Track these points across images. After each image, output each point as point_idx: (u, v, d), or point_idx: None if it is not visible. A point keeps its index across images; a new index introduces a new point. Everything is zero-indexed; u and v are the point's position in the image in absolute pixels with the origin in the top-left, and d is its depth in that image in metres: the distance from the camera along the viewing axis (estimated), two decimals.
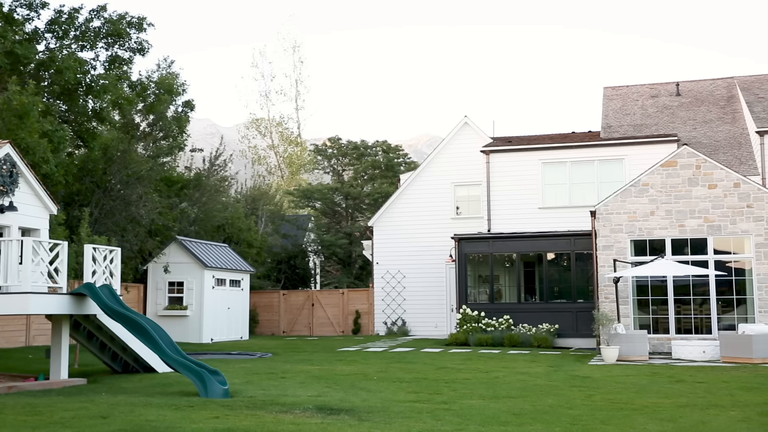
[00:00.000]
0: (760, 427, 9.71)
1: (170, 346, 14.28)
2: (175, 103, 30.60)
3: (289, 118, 64.62)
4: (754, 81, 30.45)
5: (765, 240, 21.50)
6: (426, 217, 30.88)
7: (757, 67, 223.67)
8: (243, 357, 21.02)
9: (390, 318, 31.14)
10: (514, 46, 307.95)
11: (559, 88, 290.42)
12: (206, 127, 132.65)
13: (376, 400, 11.97)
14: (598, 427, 9.73)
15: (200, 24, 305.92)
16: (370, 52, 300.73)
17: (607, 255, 22.62)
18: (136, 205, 26.76)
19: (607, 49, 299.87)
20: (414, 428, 9.53)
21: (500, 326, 24.74)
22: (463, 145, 30.90)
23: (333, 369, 17.17)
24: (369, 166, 45.52)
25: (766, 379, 14.93)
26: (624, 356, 19.57)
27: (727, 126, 29.08)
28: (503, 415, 10.62)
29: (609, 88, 33.48)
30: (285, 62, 73.45)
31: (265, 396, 12.39)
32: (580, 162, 28.28)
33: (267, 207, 39.62)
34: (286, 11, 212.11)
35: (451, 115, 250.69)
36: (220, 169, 34.32)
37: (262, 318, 32.76)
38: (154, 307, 27.58)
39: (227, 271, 28.65)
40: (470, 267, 26.59)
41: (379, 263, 31.58)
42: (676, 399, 12.26)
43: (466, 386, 13.95)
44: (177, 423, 9.70)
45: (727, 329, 20.93)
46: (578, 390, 13.47)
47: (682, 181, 22.36)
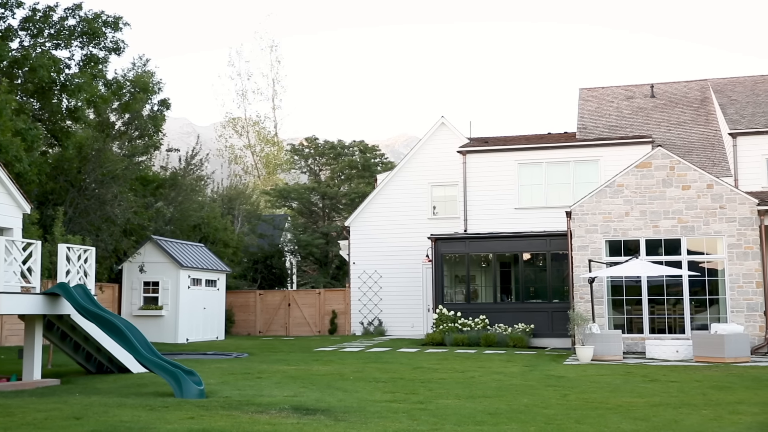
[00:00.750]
0: (732, 426, 9.83)
1: (145, 347, 14.19)
2: (150, 102, 30.42)
3: (266, 117, 64.53)
4: (727, 83, 30.80)
5: (737, 241, 21.75)
6: (403, 217, 30.94)
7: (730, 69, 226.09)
8: (219, 357, 20.94)
9: (366, 318, 31.15)
10: (490, 46, 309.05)
11: (535, 89, 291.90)
12: (182, 126, 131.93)
13: (352, 400, 11.98)
14: (573, 426, 9.81)
15: (177, 23, 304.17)
16: (348, 51, 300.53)
17: (582, 255, 22.78)
18: (111, 205, 26.56)
19: (583, 50, 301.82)
20: (390, 428, 9.54)
21: (476, 326, 24.83)
22: (439, 146, 31.00)
23: (309, 369, 17.15)
24: (346, 165, 45.50)
25: (737, 379, 15.11)
26: (599, 356, 19.72)
27: (701, 128, 29.38)
28: (479, 414, 10.67)
29: (584, 89, 33.70)
30: (262, 61, 73.53)
31: (241, 396, 12.36)
32: (555, 163, 28.45)
33: (243, 207, 39.49)
34: (264, 11, 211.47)
35: (428, 116, 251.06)
36: (197, 169, 34.17)
37: (238, 318, 32.66)
38: (129, 307, 27.40)
39: (203, 271, 28.52)
40: (447, 267, 26.67)
41: (355, 263, 31.59)
42: (649, 398, 12.38)
43: (442, 386, 13.99)
44: (152, 423, 9.65)
45: (700, 329, 21.16)
46: (553, 389, 13.56)
47: (656, 182, 22.57)
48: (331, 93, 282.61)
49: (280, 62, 70.08)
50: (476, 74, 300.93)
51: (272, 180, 59.91)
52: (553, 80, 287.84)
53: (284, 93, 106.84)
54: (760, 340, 21.18)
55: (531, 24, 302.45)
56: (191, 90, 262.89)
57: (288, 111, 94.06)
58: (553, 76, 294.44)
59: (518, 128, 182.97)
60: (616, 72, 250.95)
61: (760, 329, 21.27)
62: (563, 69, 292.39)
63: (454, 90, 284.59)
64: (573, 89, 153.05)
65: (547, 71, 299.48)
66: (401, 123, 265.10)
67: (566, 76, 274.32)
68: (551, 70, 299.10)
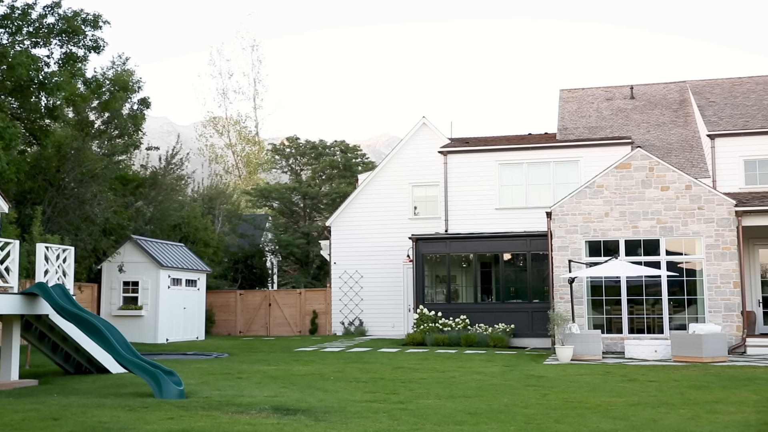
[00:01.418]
0: (709, 425, 9.92)
1: (124, 347, 14.12)
2: (130, 101, 30.23)
3: (247, 116, 64.31)
4: (705, 85, 31.05)
5: (715, 241, 21.95)
6: (384, 217, 30.95)
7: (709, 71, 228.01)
8: (199, 357, 20.86)
9: (347, 318, 31.13)
10: (471, 46, 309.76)
11: (516, 90, 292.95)
12: (163, 125, 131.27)
13: (332, 400, 11.97)
14: (553, 426, 9.86)
15: (157, 22, 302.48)
16: (329, 51, 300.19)
17: (562, 255, 22.90)
18: (91, 204, 26.38)
19: (564, 50, 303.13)
20: (370, 428, 9.55)
21: (457, 326, 24.88)
22: (421, 146, 31.04)
23: (290, 369, 17.13)
24: (327, 165, 45.46)
25: (715, 378, 15.25)
26: (578, 356, 19.83)
27: (680, 129, 29.61)
28: (459, 414, 10.70)
29: (565, 90, 33.86)
30: (243, 61, 73.35)
31: (221, 396, 12.32)
32: (536, 163, 28.57)
33: (224, 206, 39.36)
34: (245, 10, 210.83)
35: (410, 116, 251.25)
36: (177, 168, 34.02)
37: (218, 318, 32.54)
38: (109, 307, 27.24)
39: (183, 271, 28.40)
40: (427, 267, 26.71)
41: (336, 263, 31.56)
42: (628, 398, 12.46)
43: (422, 386, 14.02)
44: (131, 424, 9.60)
45: (679, 329, 21.33)
46: (533, 389, 13.62)
47: (635, 183, 22.72)
48: (312, 93, 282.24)
49: (261, 62, 69.83)
50: (457, 74, 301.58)
51: (253, 180, 59.73)
52: (533, 81, 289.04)
53: (265, 92, 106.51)
54: (738, 340, 21.38)
55: (511, 23, 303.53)
56: (172, 89, 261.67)
57: (269, 110, 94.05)
58: (534, 76, 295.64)
59: (499, 129, 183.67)
60: (596, 73, 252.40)
61: (737, 329, 21.47)
62: (544, 69, 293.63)
63: (435, 90, 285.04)
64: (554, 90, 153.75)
65: (528, 72, 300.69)
66: (382, 123, 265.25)
67: (547, 77, 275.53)
68: (532, 70, 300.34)
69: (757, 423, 10.02)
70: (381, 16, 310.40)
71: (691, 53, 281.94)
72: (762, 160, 25.79)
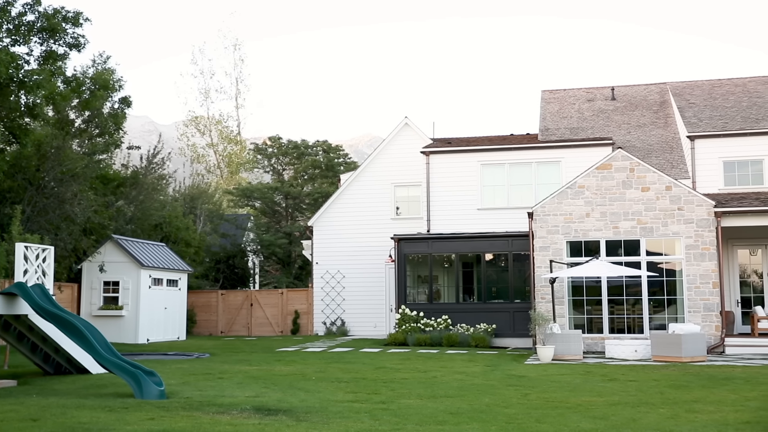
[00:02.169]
0: (688, 424, 9.99)
1: (104, 347, 14.04)
2: (111, 100, 30.01)
3: (228, 116, 64.10)
4: (685, 87, 31.29)
5: (694, 242, 22.12)
6: (366, 217, 30.95)
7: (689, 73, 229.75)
8: (180, 357, 20.77)
9: (329, 318, 31.11)
10: (454, 47, 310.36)
11: (499, 90, 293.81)
12: (144, 125, 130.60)
13: (314, 401, 11.96)
14: (533, 425, 9.90)
15: (139, 20, 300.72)
16: (312, 51, 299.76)
17: (543, 256, 22.99)
18: (71, 203, 26.19)
19: (546, 51, 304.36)
20: (352, 428, 9.55)
21: (439, 326, 24.93)
22: (403, 146, 31.07)
23: (271, 369, 17.09)
24: (309, 165, 45.40)
25: (694, 378, 15.37)
26: (559, 355, 19.92)
27: (660, 130, 29.82)
28: (441, 414, 10.72)
29: (547, 91, 34.00)
30: (225, 60, 73.10)
31: (202, 397, 12.28)
32: (518, 164, 28.68)
33: (206, 206, 39.19)
34: (227, 9, 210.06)
35: (392, 116, 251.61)
36: (158, 167, 33.84)
37: (199, 318, 32.42)
38: (89, 307, 27.07)
39: (164, 271, 28.27)
40: (409, 267, 26.74)
41: (318, 263, 31.53)
42: (608, 397, 12.54)
43: (404, 386, 14.03)
44: (111, 425, 9.55)
45: (658, 329, 21.48)
46: (514, 389, 13.67)
47: (616, 184, 22.86)
48: (294, 92, 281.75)
49: (243, 61, 69.72)
50: (440, 74, 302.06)
51: (235, 179, 59.55)
52: (516, 81, 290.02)
53: (247, 92, 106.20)
54: (716, 340, 21.56)
55: (494, 22, 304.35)
56: (153, 88, 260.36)
57: (251, 110, 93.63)
58: (516, 77, 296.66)
59: (481, 129, 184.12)
60: (577, 74, 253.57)
61: (716, 329, 21.66)
62: (526, 70, 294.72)
63: (417, 90, 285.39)
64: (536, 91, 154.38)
65: (510, 72, 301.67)
66: (365, 123, 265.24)
67: (529, 78, 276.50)
68: (514, 70, 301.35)
69: (735, 422, 10.11)
70: (363, 16, 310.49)
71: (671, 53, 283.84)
72: (741, 162, 26.03)
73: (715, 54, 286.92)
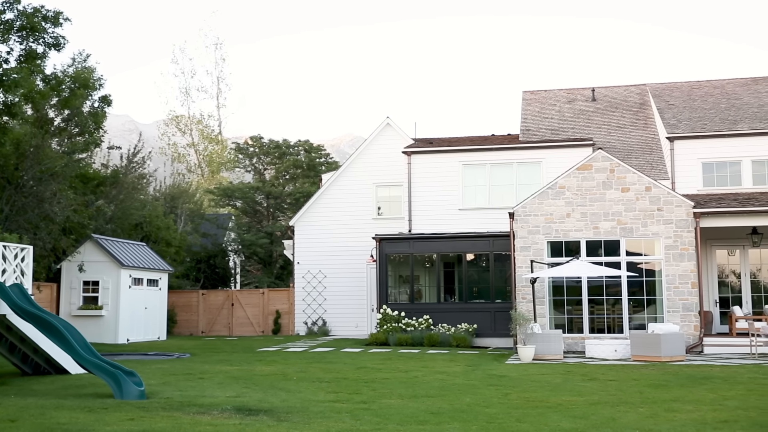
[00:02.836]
0: (667, 423, 10.07)
1: (84, 347, 13.95)
2: (91, 99, 29.78)
3: (209, 115, 63.87)
4: (665, 88, 31.52)
5: (674, 242, 22.29)
6: (347, 217, 30.93)
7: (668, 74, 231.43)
8: (160, 358, 20.68)
9: (310, 318, 31.07)
10: (435, 47, 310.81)
11: (480, 90, 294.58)
12: (124, 124, 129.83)
13: (295, 401, 11.95)
14: (514, 425, 9.94)
15: (119, 18, 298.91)
16: (293, 51, 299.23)
17: (524, 256, 23.08)
18: (50, 202, 25.98)
19: (527, 51, 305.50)
20: (333, 428, 9.55)
21: (420, 326, 24.96)
22: (385, 146, 31.07)
23: (252, 369, 17.05)
24: (291, 165, 45.31)
25: (673, 377, 15.49)
26: (540, 355, 20.00)
27: (640, 131, 30.02)
28: (422, 414, 10.74)
29: (528, 92, 34.14)
30: (206, 59, 72.70)
31: (183, 397, 12.23)
32: (499, 164, 28.78)
33: (186, 205, 39.02)
34: (208, 8, 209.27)
35: (374, 116, 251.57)
36: (139, 167, 33.64)
37: (180, 318, 32.27)
38: (68, 306, 26.87)
39: (145, 271, 28.12)
40: (391, 267, 26.76)
41: (300, 263, 31.48)
42: (588, 396, 12.61)
43: (385, 386, 14.05)
44: (90, 425, 9.50)
45: (638, 329, 21.62)
46: (495, 389, 13.72)
47: (596, 185, 22.99)
48: (276, 92, 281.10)
49: (224, 60, 69.46)
50: (422, 75, 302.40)
51: (216, 179, 59.34)
52: (497, 82, 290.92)
53: (229, 91, 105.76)
54: (695, 340, 21.74)
55: (475, 21, 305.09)
56: (134, 87, 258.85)
57: (232, 109, 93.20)
58: (498, 77, 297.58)
59: (463, 130, 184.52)
60: (559, 74, 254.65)
61: (694, 329, 21.83)
62: (507, 70, 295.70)
63: (399, 91, 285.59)
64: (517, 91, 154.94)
65: (492, 72, 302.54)
66: (347, 123, 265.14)
67: (510, 78, 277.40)
68: (496, 71, 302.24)
69: (713, 421, 10.21)
70: (345, 17, 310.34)
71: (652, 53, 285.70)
72: (719, 163, 26.26)
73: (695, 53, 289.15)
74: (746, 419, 10.35)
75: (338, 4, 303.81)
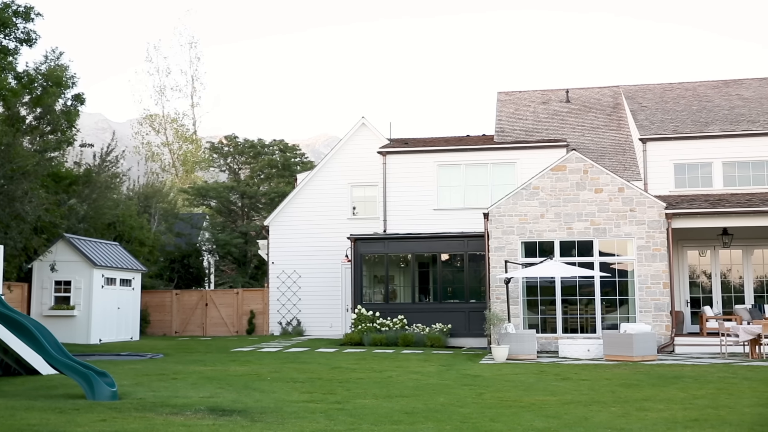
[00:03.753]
0: (638, 422, 10.17)
1: (55, 347, 13.82)
2: (64, 97, 29.50)
3: (184, 114, 63.38)
4: (638, 90, 31.80)
5: (646, 243, 22.50)
6: (322, 217, 30.88)
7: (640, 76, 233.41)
8: (133, 358, 20.53)
9: (285, 318, 30.98)
10: (411, 47, 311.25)
11: (456, 91, 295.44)
12: (98, 122, 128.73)
13: (269, 401, 11.92)
14: (488, 424, 9.99)
15: (93, 17, 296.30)
16: (269, 51, 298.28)
17: (498, 256, 23.19)
18: (21, 201, 25.69)
19: (502, 52, 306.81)
20: (307, 428, 9.54)
21: (394, 326, 24.99)
22: (360, 146, 31.06)
23: (226, 370, 16.98)
24: (266, 165, 45.17)
25: (644, 376, 15.63)
26: (513, 355, 20.10)
27: (613, 133, 30.26)
28: (396, 414, 10.76)
29: (503, 92, 34.29)
30: (181, 58, 72.32)
31: (156, 398, 12.15)
32: (474, 165, 28.89)
33: (160, 205, 38.75)
34: (183, 6, 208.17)
35: (349, 116, 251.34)
36: (112, 166, 33.34)
37: (153, 318, 32.05)
38: (39, 306, 26.59)
39: (117, 270, 27.90)
40: (366, 267, 26.76)
41: (274, 263, 31.38)
42: (561, 396, 12.70)
43: (359, 386, 14.05)
44: (61, 427, 9.41)
45: (611, 328, 21.79)
46: (469, 388, 13.77)
47: (570, 185, 23.15)
48: (251, 92, 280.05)
49: (199, 59, 68.90)
50: (397, 75, 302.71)
51: (190, 178, 58.97)
52: (472, 82, 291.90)
53: (203, 90, 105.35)
54: (667, 339, 21.96)
55: (450, 21, 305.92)
56: (107, 85, 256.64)
57: (207, 108, 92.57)
58: (473, 78, 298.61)
59: (438, 130, 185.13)
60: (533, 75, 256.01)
61: (666, 328, 22.06)
62: (483, 71, 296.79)
63: (375, 91, 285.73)
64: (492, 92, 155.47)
65: (467, 73, 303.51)
66: (322, 123, 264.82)
67: (486, 79, 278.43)
68: (471, 72, 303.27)
69: (684, 420, 10.32)
70: (320, 17, 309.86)
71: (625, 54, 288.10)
72: (691, 164, 26.55)
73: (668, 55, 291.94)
74: (716, 418, 10.48)
75: (314, 5, 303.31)
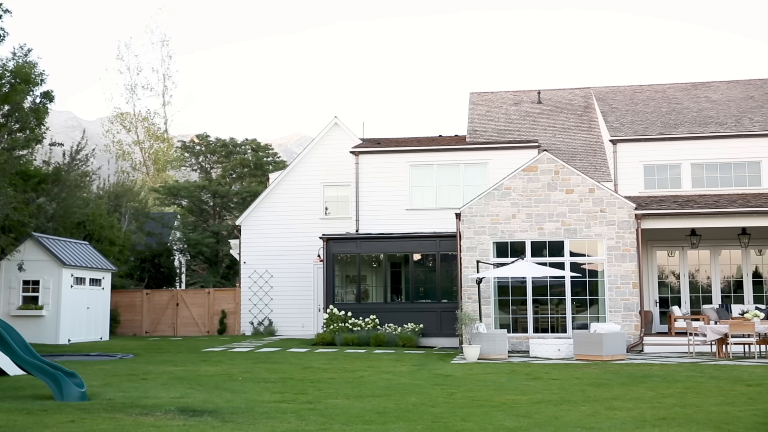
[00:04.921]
0: (608, 421, 10.27)
1: (23, 348, 13.65)
2: (32, 94, 29.13)
3: (155, 113, 62.86)
4: (608, 92, 32.09)
5: (616, 243, 22.71)
6: (295, 216, 30.81)
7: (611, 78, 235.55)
8: (102, 358, 20.35)
9: (257, 318, 30.87)
10: (384, 48, 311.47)
11: (428, 91, 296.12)
12: (67, 120, 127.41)
13: (240, 401, 11.88)
14: (459, 424, 10.03)
15: (63, 14, 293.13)
16: (242, 50, 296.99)
17: (470, 256, 23.28)
18: None
19: (475, 53, 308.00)
20: (278, 428, 9.52)
21: (367, 326, 25.00)
22: (332, 146, 31.03)
23: (197, 370, 16.89)
24: (238, 164, 44.97)
25: (614, 376, 15.78)
26: (485, 355, 20.19)
27: (584, 134, 30.51)
28: (367, 414, 10.77)
29: (475, 93, 34.43)
30: (153, 56, 71.80)
31: (125, 398, 12.06)
32: (446, 165, 28.98)
33: (131, 204, 38.44)
34: (155, 4, 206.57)
35: (322, 116, 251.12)
36: (82, 164, 32.99)
37: (123, 318, 31.79)
38: (7, 306, 26.26)
39: (87, 270, 27.63)
40: (338, 267, 26.75)
41: (246, 262, 31.25)
42: (532, 395, 12.78)
43: (331, 386, 14.05)
44: (29, 428, 9.31)
45: (581, 328, 21.97)
46: (440, 388, 13.82)
47: (541, 186, 23.30)
48: (223, 91, 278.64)
49: (171, 57, 68.45)
50: (370, 75, 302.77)
51: (161, 177, 58.52)
52: (445, 83, 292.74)
53: (175, 89, 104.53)
54: (636, 339, 22.18)
55: (422, 22, 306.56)
56: (77, 83, 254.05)
57: (179, 107, 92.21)
58: (446, 78, 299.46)
59: (411, 130, 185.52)
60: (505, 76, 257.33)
61: (635, 328, 22.28)
62: (455, 71, 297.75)
63: (347, 91, 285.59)
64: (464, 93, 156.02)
65: (440, 74, 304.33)
66: (295, 122, 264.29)
67: (458, 80, 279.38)
68: (444, 72, 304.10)
69: (652, 418, 10.44)
70: (293, 17, 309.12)
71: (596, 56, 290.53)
72: (660, 165, 26.83)
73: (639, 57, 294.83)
74: (683, 416, 10.61)
75: (285, 6, 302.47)
